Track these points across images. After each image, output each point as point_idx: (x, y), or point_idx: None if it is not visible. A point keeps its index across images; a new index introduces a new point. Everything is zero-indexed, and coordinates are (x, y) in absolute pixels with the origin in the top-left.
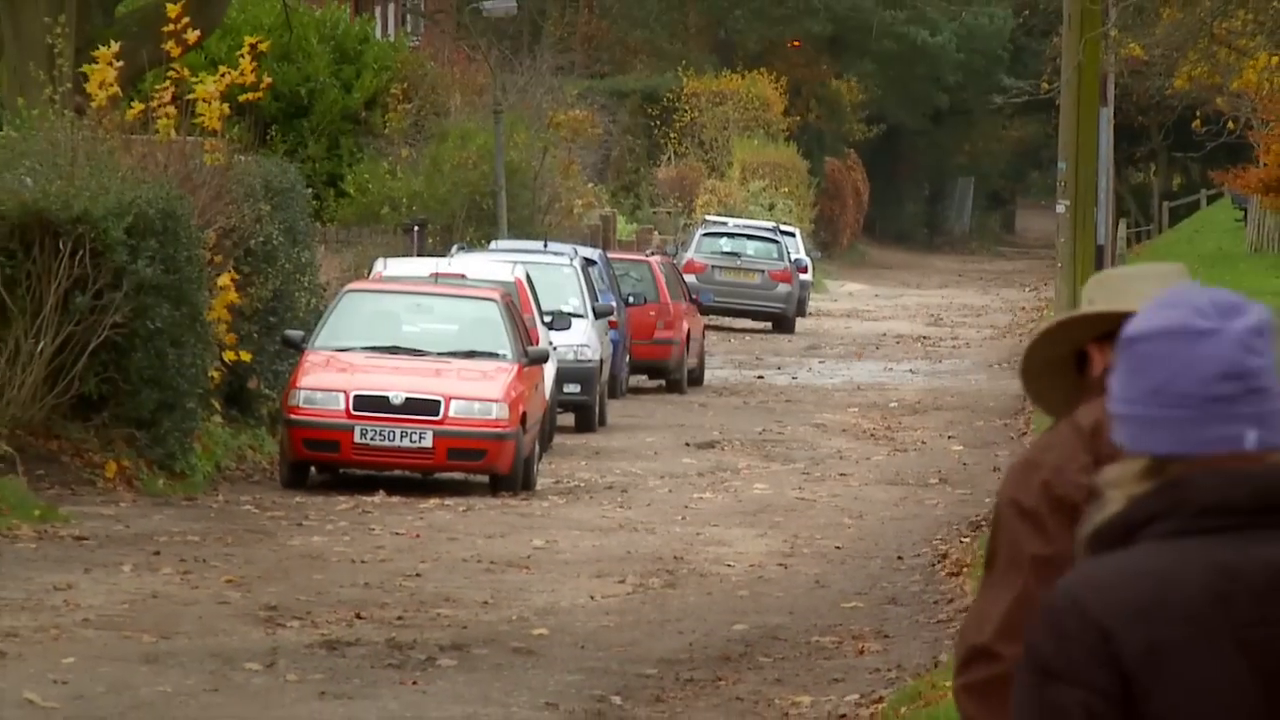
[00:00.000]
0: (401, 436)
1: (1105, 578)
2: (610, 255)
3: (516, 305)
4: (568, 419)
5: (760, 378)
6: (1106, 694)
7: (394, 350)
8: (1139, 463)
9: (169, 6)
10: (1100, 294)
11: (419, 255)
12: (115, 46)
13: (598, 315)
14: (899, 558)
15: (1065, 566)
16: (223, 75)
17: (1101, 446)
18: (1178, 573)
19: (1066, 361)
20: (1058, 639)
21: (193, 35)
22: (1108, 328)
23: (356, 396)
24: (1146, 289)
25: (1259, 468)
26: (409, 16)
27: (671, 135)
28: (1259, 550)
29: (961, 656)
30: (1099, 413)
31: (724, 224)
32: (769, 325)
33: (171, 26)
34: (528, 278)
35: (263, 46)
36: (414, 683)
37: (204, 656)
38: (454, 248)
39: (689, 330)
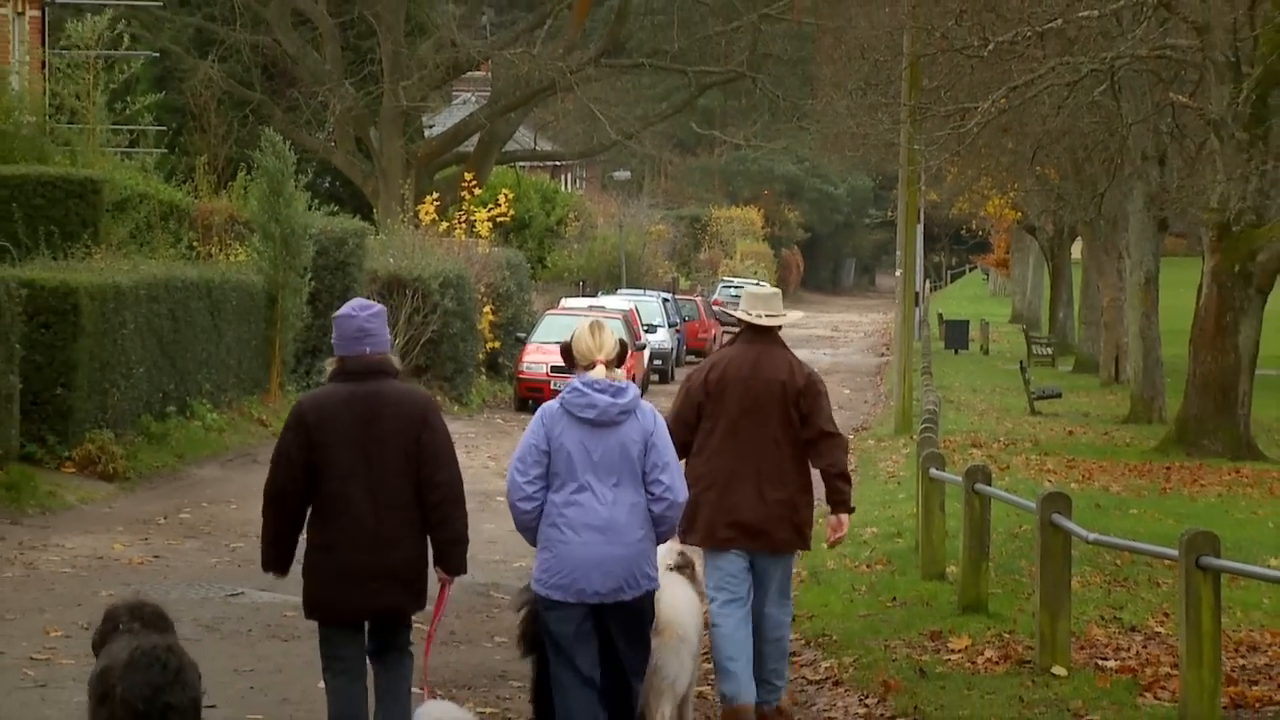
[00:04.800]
0: None
1: (314, 395)
2: (677, 296)
3: (630, 320)
4: (655, 376)
5: None
6: (301, 438)
7: (561, 354)
8: (339, 359)
9: (465, 175)
10: (744, 295)
11: (583, 296)
12: (434, 195)
13: (670, 326)
14: None
15: (681, 418)
16: (489, 209)
17: (700, 370)
18: (335, 392)
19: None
20: (299, 416)
21: (477, 191)
22: (738, 318)
23: (551, 366)
24: (757, 297)
25: (367, 358)
26: (578, 180)
27: (706, 238)
28: (362, 387)
29: None
30: (716, 357)
31: (732, 281)
32: None
33: (465, 184)
34: (636, 307)
35: (508, 195)
36: None
37: (477, 494)
38: (599, 292)
39: (715, 333)
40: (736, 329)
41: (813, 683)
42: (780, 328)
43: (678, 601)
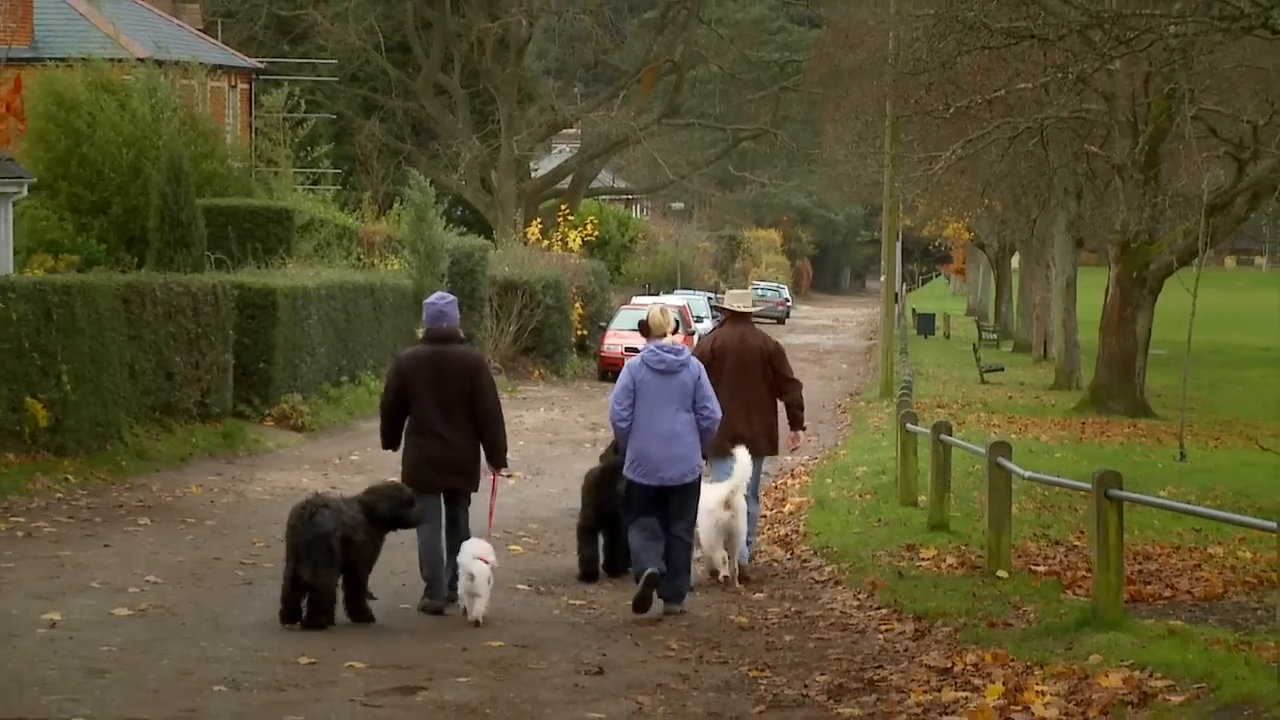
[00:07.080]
0: None
1: (408, 352)
2: (718, 296)
3: (683, 313)
4: None
5: None
6: (399, 379)
7: (639, 329)
8: (425, 329)
9: (561, 206)
10: (728, 295)
11: (648, 295)
12: (538, 221)
13: (714, 318)
14: (823, 407)
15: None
16: (579, 231)
17: (706, 342)
18: (421, 350)
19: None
20: (398, 365)
21: (570, 217)
22: (725, 308)
23: (625, 346)
24: (736, 295)
25: (443, 330)
26: (645, 209)
27: (739, 252)
28: (439, 348)
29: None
30: (715, 334)
31: (759, 284)
32: (775, 322)
33: (561, 213)
34: (688, 303)
35: (593, 220)
36: None
37: (569, 443)
38: (661, 292)
39: None
40: (722, 315)
41: (819, 583)
42: (753, 313)
43: (743, 497)
